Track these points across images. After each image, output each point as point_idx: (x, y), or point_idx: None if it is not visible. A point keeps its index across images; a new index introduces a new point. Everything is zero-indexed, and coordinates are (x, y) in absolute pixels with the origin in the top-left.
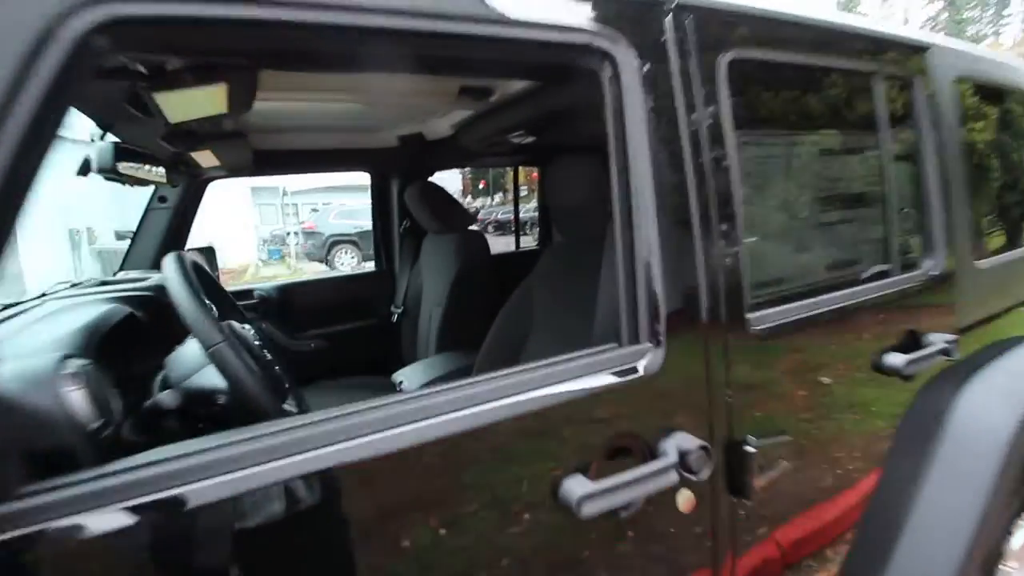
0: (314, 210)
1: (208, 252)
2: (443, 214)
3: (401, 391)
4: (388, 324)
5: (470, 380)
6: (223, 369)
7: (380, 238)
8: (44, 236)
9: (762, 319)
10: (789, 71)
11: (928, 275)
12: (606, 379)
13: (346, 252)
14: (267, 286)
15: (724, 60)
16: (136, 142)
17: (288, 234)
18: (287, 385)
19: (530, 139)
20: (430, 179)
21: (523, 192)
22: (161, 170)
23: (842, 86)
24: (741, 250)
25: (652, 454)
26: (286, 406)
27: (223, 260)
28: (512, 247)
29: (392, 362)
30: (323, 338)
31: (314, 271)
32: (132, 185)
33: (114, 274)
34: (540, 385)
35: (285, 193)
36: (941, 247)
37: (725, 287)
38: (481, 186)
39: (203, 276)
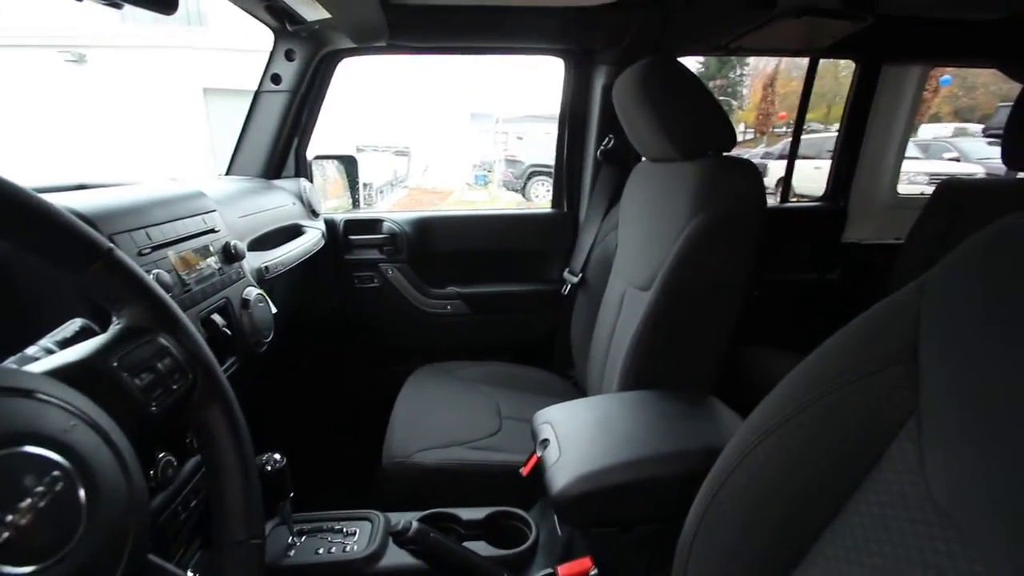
0: (519, 138)
1: (349, 161)
2: (674, 116)
3: (541, 456)
4: (556, 296)
5: None
6: None
7: (564, 164)
8: None
9: None
10: None
11: None
12: None
13: (542, 184)
14: (400, 217)
15: None
16: None
17: (495, 161)
18: None
19: None
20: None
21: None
22: None
23: None
24: None
25: None
26: None
27: (434, 182)
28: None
29: (552, 353)
30: (464, 301)
31: (507, 200)
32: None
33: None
34: None
35: (496, 120)
36: None
37: None
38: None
39: None
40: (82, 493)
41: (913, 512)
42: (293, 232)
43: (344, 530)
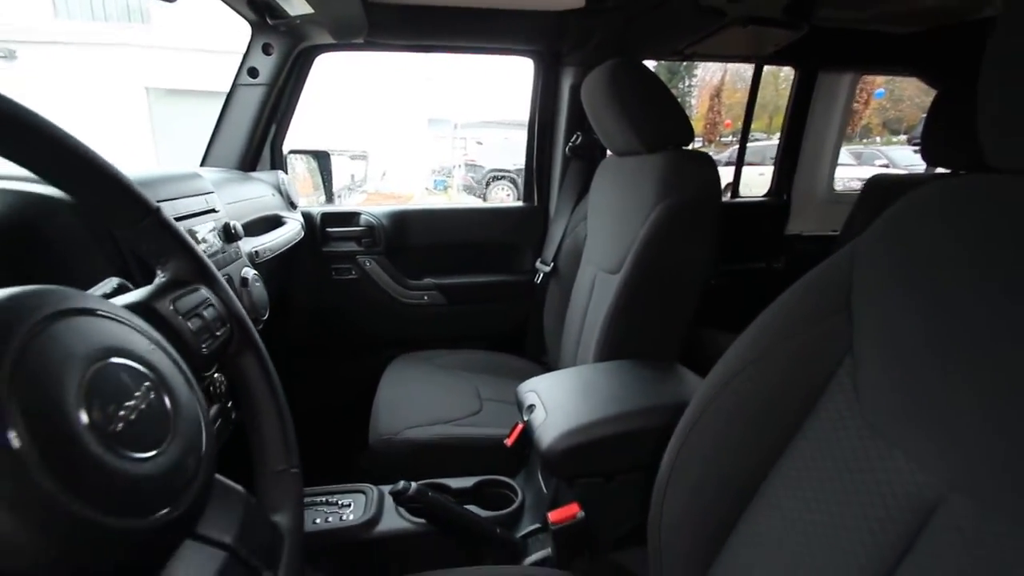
0: (479, 143)
1: (322, 157)
2: (641, 113)
3: (528, 420)
4: (528, 285)
5: None
6: None
7: (534, 160)
8: None
9: None
10: None
11: None
12: None
13: (503, 188)
14: (377, 211)
15: None
16: None
17: (455, 167)
18: None
19: None
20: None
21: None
22: None
23: None
24: None
25: None
26: None
27: (393, 187)
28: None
29: (526, 341)
30: (440, 291)
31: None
32: None
33: None
34: None
35: (456, 126)
36: None
37: None
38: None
39: None
40: (168, 402)
41: (851, 432)
42: (274, 222)
43: (339, 502)
